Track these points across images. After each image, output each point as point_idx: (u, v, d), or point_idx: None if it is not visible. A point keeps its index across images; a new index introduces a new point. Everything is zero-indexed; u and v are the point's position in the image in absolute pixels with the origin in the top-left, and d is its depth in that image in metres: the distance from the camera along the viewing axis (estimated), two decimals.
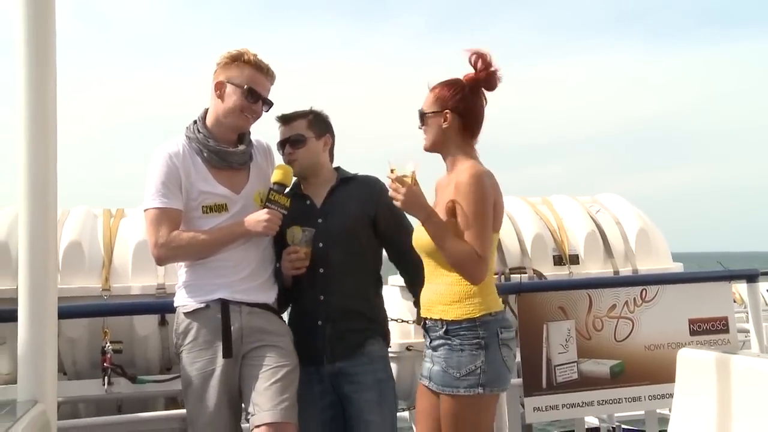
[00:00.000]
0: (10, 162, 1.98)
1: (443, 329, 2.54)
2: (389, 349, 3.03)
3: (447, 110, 2.64)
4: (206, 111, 2.81)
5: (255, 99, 2.74)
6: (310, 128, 2.91)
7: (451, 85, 2.67)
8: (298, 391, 2.77)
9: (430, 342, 2.61)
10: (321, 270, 2.83)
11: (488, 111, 2.71)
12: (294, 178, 2.90)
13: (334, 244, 2.82)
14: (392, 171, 2.55)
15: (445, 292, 2.56)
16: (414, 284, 2.86)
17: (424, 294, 2.67)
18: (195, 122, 2.79)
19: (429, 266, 2.66)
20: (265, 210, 2.69)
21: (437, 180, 2.81)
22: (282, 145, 2.94)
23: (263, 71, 2.76)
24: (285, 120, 2.95)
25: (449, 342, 2.53)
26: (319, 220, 2.87)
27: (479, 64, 2.64)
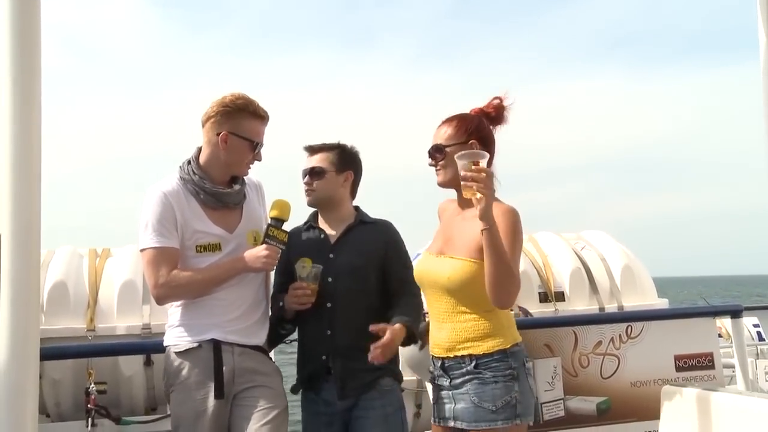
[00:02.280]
0: None
1: (472, 364, 2.48)
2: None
3: (473, 140, 2.57)
4: (199, 150, 2.81)
5: (258, 149, 2.79)
6: (332, 162, 2.95)
7: (469, 118, 2.63)
8: (309, 428, 2.84)
9: (450, 381, 2.54)
10: (329, 304, 2.83)
11: None
12: (312, 209, 2.99)
13: (343, 279, 2.83)
14: (475, 163, 2.35)
15: (474, 328, 2.50)
16: (404, 311, 2.82)
17: (443, 334, 2.56)
18: (189, 162, 2.79)
19: (447, 305, 2.55)
20: (264, 246, 2.70)
21: (440, 204, 2.77)
22: (304, 174, 2.97)
23: (264, 120, 2.80)
24: (310, 151, 3.00)
25: (479, 376, 2.47)
26: (331, 255, 2.88)
27: (494, 102, 2.64)
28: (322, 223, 2.99)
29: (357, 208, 3.05)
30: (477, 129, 2.60)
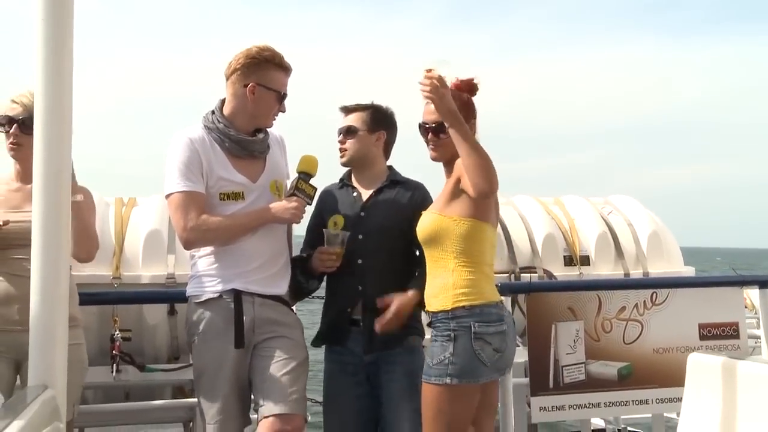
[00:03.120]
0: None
1: (428, 321, 2.66)
2: None
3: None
4: (223, 101, 2.81)
5: (284, 100, 2.80)
6: (364, 122, 3.01)
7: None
8: (333, 380, 2.91)
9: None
10: (360, 261, 2.89)
11: (505, 100, 2.78)
12: (345, 169, 3.07)
13: (373, 237, 2.89)
14: (428, 71, 2.50)
15: (433, 285, 2.65)
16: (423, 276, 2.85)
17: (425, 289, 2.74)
18: (213, 112, 2.79)
19: (427, 260, 2.70)
20: (294, 198, 2.73)
21: None
22: (338, 133, 3.04)
23: (288, 72, 2.81)
24: (344, 111, 3.07)
25: (433, 333, 2.62)
26: (362, 213, 2.95)
27: (468, 80, 2.73)
28: (355, 182, 3.05)
29: (390, 167, 3.09)
30: (463, 108, 2.64)
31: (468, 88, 2.75)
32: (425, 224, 2.69)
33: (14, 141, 2.81)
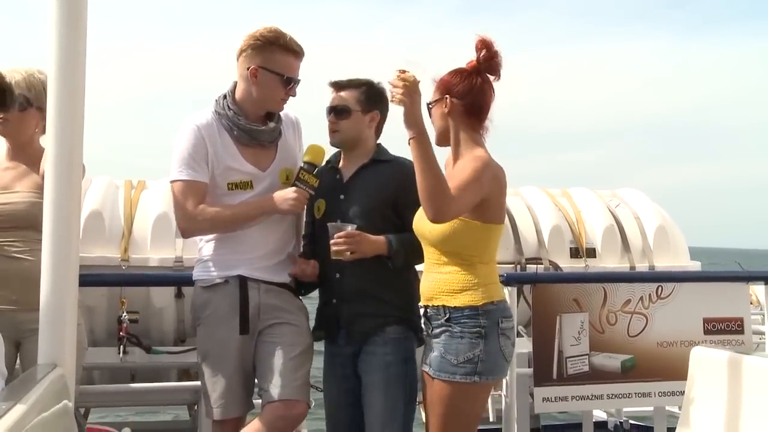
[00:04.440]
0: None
1: (446, 317, 2.54)
2: None
3: (447, 95, 2.58)
4: (235, 85, 2.77)
5: (291, 84, 2.73)
6: (358, 101, 2.82)
7: (453, 72, 2.62)
8: (326, 371, 2.85)
9: (432, 330, 2.60)
10: None
11: (517, 97, 2.72)
12: (335, 150, 2.89)
13: (351, 222, 2.72)
14: (400, 72, 2.36)
15: (450, 281, 2.55)
16: (398, 235, 2.74)
17: (424, 284, 2.64)
18: (225, 97, 2.76)
19: (431, 256, 2.61)
20: (293, 189, 2.68)
21: (447, 158, 2.71)
22: (329, 111, 2.85)
23: (298, 55, 2.73)
24: (337, 87, 2.86)
25: (450, 329, 2.52)
26: (341, 197, 2.82)
27: (483, 52, 2.59)
28: (342, 163, 2.89)
29: (378, 145, 2.93)
30: (457, 85, 2.57)
31: (488, 63, 2.59)
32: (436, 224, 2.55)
33: (1, 116, 2.79)
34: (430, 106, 2.63)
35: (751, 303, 4.70)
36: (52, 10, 1.95)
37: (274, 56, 2.68)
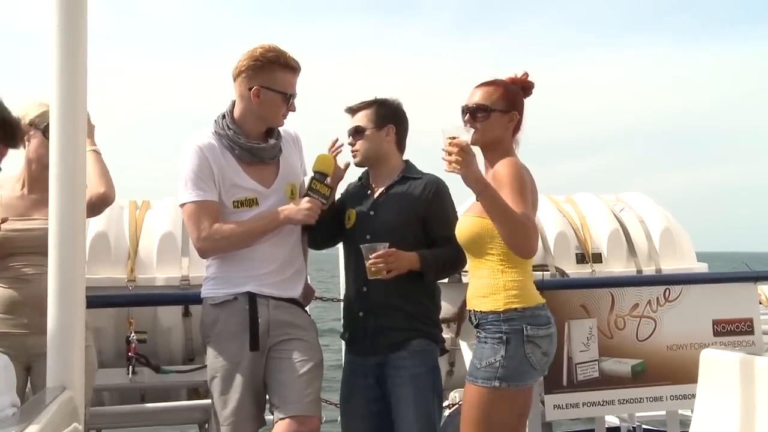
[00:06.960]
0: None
1: (476, 322, 2.62)
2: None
3: (515, 111, 2.69)
4: (233, 104, 2.80)
5: (291, 100, 2.78)
6: (370, 119, 2.95)
7: (514, 89, 2.72)
8: (347, 382, 2.91)
9: (475, 333, 2.68)
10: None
11: None
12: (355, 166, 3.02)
13: (381, 237, 2.80)
14: (451, 138, 2.43)
15: (479, 286, 2.62)
16: (432, 250, 2.85)
17: (468, 289, 2.72)
18: (223, 117, 2.79)
19: (470, 261, 2.70)
20: (307, 198, 2.72)
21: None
22: (348, 135, 3.00)
23: (296, 71, 2.77)
24: (350, 111, 3.02)
25: (479, 334, 2.60)
26: (371, 212, 2.93)
27: (527, 77, 2.76)
28: (371, 179, 3.02)
29: (406, 161, 3.03)
30: (520, 100, 2.71)
31: (526, 85, 2.76)
32: (464, 227, 2.66)
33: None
34: (494, 111, 2.66)
35: (761, 303, 4.67)
36: (52, 33, 1.97)
37: (275, 75, 2.72)
